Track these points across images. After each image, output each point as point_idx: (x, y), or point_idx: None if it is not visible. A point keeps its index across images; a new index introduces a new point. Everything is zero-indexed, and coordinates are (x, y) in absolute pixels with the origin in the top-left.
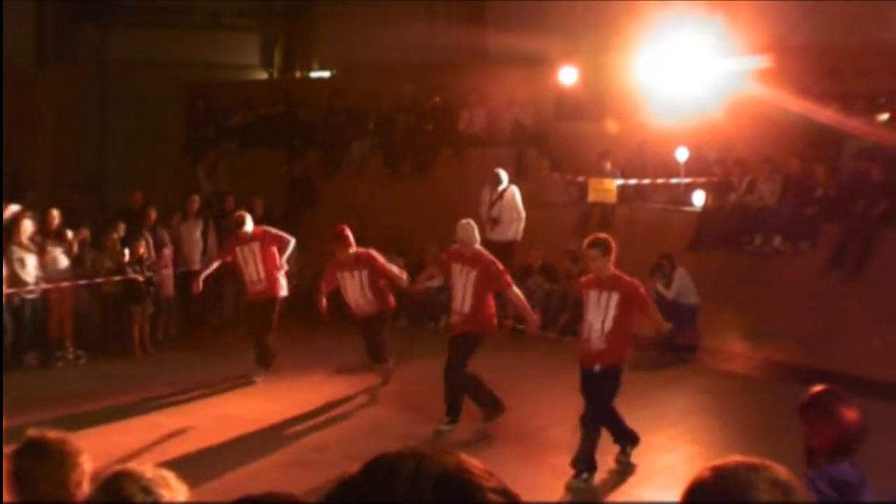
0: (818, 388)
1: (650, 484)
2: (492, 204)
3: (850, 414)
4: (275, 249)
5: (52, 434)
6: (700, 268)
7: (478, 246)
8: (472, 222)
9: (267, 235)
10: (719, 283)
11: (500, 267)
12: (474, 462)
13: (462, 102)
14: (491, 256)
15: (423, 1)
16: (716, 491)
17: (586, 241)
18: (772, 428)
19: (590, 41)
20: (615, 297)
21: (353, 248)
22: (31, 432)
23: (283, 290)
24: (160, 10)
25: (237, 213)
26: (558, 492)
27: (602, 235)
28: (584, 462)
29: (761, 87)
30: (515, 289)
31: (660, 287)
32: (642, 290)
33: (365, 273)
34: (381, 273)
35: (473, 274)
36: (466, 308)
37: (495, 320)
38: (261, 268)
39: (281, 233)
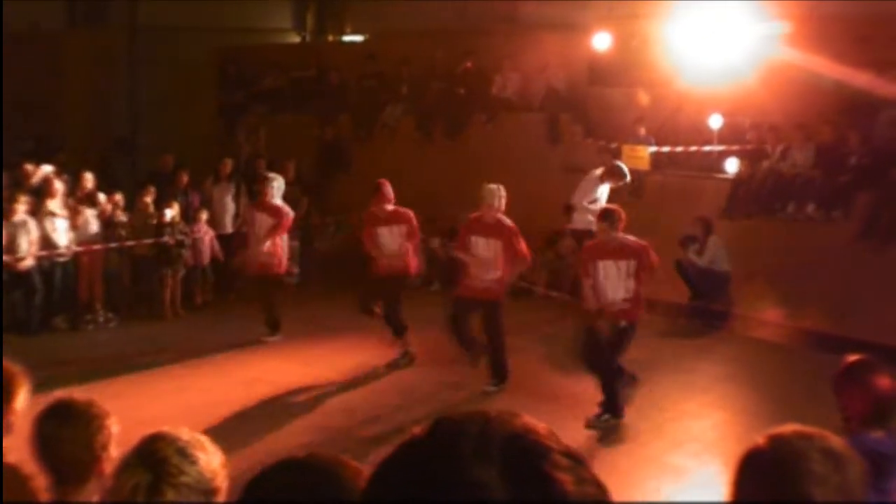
0: (852, 357)
1: (681, 451)
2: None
3: (885, 382)
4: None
5: (79, 396)
6: (732, 235)
7: (500, 214)
8: (498, 186)
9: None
10: (751, 250)
11: (520, 238)
12: (540, 424)
13: (495, 67)
14: (512, 226)
15: None
16: (770, 459)
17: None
18: (803, 396)
19: (623, 7)
20: (633, 264)
21: (392, 203)
22: (58, 394)
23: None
24: None
25: (265, 176)
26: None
27: (610, 207)
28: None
29: (795, 53)
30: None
31: (692, 254)
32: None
33: (403, 229)
34: (415, 233)
35: (499, 245)
36: (496, 274)
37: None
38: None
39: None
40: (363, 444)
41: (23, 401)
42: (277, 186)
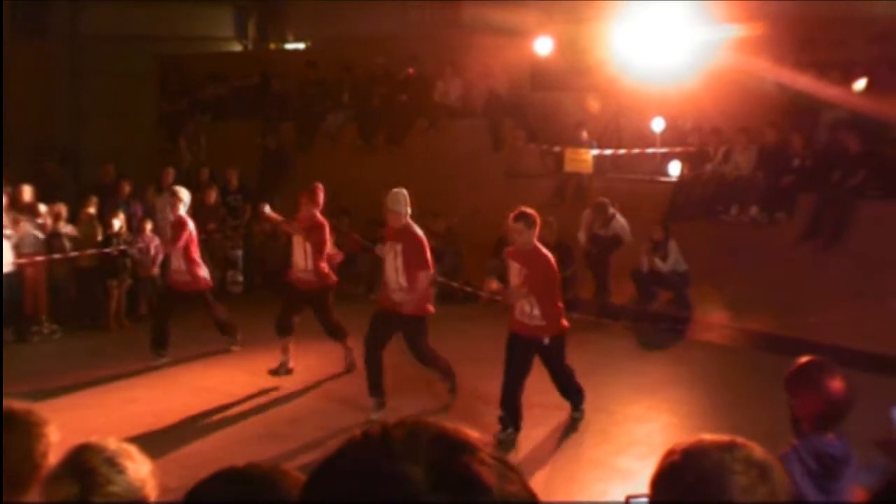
0: (805, 358)
1: (626, 454)
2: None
3: (836, 385)
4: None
5: (18, 405)
6: (676, 238)
7: (408, 219)
8: (402, 191)
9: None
10: (696, 253)
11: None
12: (472, 432)
13: (437, 73)
14: (418, 233)
15: None
16: (688, 473)
17: (511, 214)
18: (749, 397)
19: (565, 11)
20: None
21: (317, 211)
22: None
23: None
24: None
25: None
26: None
27: (527, 210)
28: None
29: (737, 56)
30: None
31: (657, 260)
32: (551, 268)
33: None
34: (322, 245)
35: (399, 248)
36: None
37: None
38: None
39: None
40: (309, 451)
41: None
42: (183, 200)
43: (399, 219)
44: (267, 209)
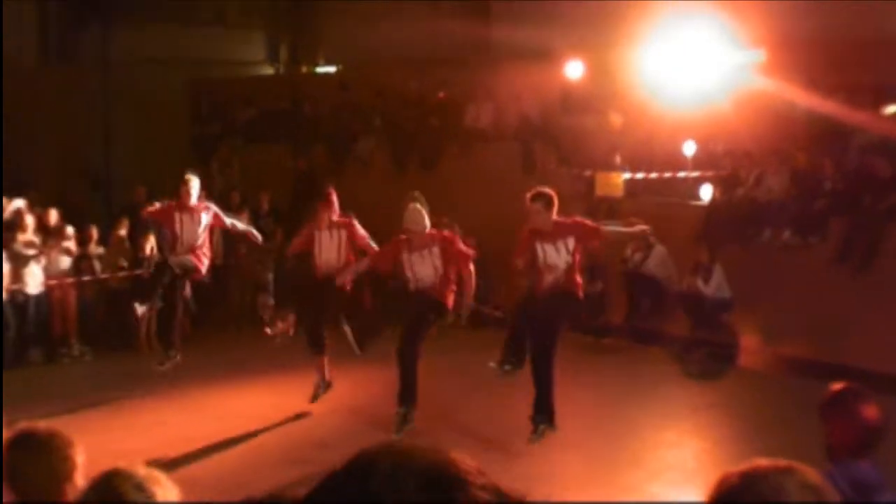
0: (838, 385)
1: (660, 480)
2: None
3: (871, 411)
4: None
5: (43, 426)
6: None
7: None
8: (418, 207)
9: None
10: (728, 277)
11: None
12: (464, 459)
13: (468, 97)
14: (445, 232)
15: None
16: (746, 496)
17: (528, 195)
18: (782, 423)
19: (596, 35)
20: (570, 242)
21: (336, 213)
22: (22, 425)
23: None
24: (164, 9)
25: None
26: None
27: (543, 188)
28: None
29: (768, 80)
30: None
31: (699, 282)
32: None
33: (343, 234)
34: (357, 240)
35: (436, 250)
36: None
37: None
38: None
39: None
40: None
41: None
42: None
43: (423, 233)
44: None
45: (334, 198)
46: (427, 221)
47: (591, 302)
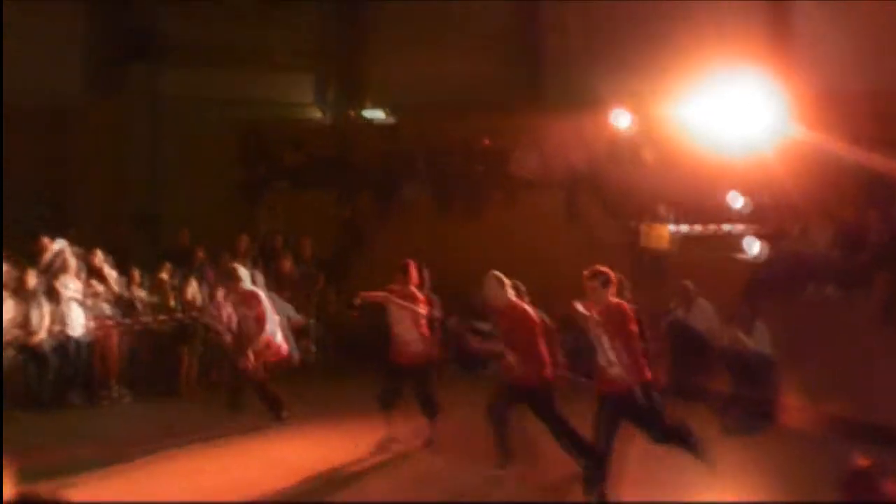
0: (860, 462)
1: None
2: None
3: (893, 489)
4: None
5: (45, 490)
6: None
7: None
8: (496, 274)
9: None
10: (770, 333)
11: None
12: None
13: (514, 144)
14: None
15: (478, 40)
16: None
17: (586, 272)
18: (818, 485)
19: (644, 84)
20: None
21: (413, 285)
22: (22, 489)
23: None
24: (213, 49)
25: (230, 266)
26: None
27: (601, 267)
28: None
29: (814, 133)
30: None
31: (740, 334)
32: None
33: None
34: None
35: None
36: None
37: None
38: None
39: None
40: None
41: (7, 492)
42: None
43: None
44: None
45: (413, 269)
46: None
47: None
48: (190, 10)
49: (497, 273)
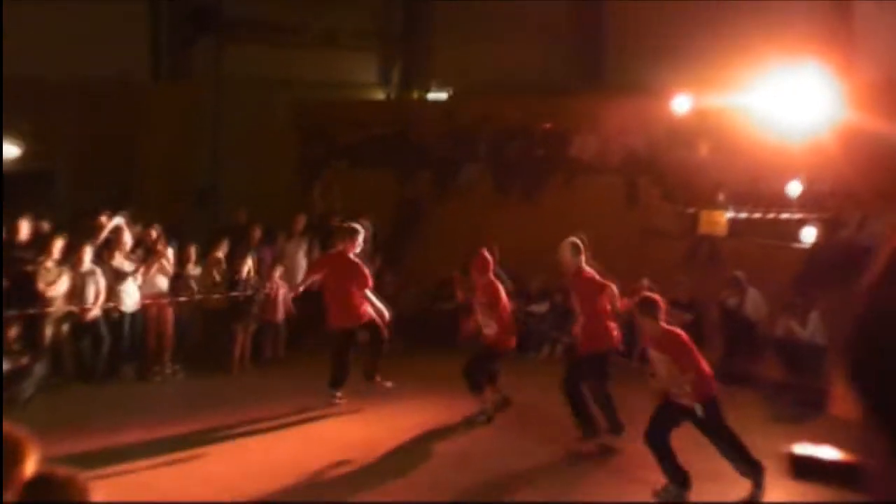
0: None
1: None
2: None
3: None
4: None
5: (62, 471)
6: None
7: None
8: (571, 240)
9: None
10: (824, 322)
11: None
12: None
13: (574, 128)
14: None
15: (539, 25)
16: None
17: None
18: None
19: (703, 73)
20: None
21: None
22: (42, 468)
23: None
24: (276, 28)
25: (348, 226)
26: None
27: (648, 295)
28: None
29: (876, 119)
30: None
31: (793, 325)
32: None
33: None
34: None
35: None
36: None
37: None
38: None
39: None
40: None
41: (31, 467)
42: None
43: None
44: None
45: (487, 258)
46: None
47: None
48: None
49: (574, 239)
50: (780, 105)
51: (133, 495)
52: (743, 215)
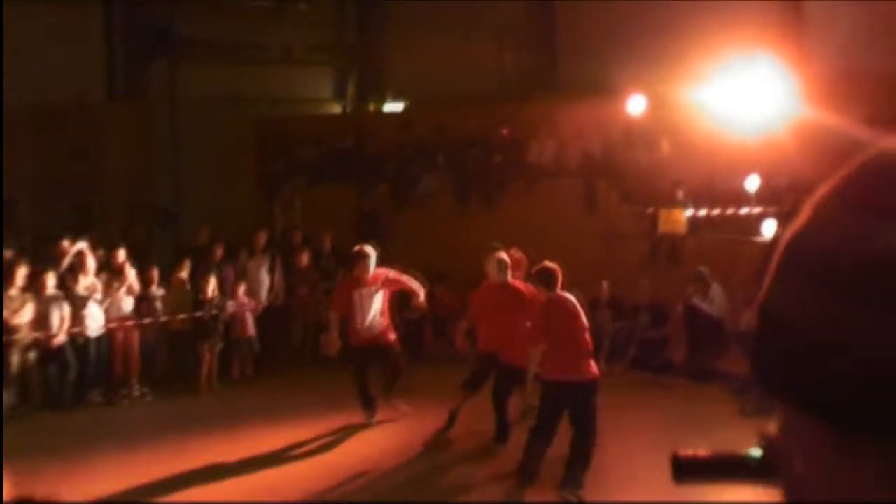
0: None
1: None
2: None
3: None
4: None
5: (40, 493)
6: None
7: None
8: (498, 257)
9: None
10: None
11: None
12: None
13: (531, 133)
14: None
15: (493, 31)
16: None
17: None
18: None
19: (658, 71)
20: None
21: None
22: (20, 491)
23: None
24: (232, 46)
25: (359, 249)
26: None
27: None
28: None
29: (830, 113)
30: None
31: (755, 318)
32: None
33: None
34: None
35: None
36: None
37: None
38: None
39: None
40: None
41: (5, 493)
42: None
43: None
44: None
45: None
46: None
47: (655, 345)
48: (208, 7)
49: (501, 255)
50: (735, 100)
51: None
52: (702, 212)
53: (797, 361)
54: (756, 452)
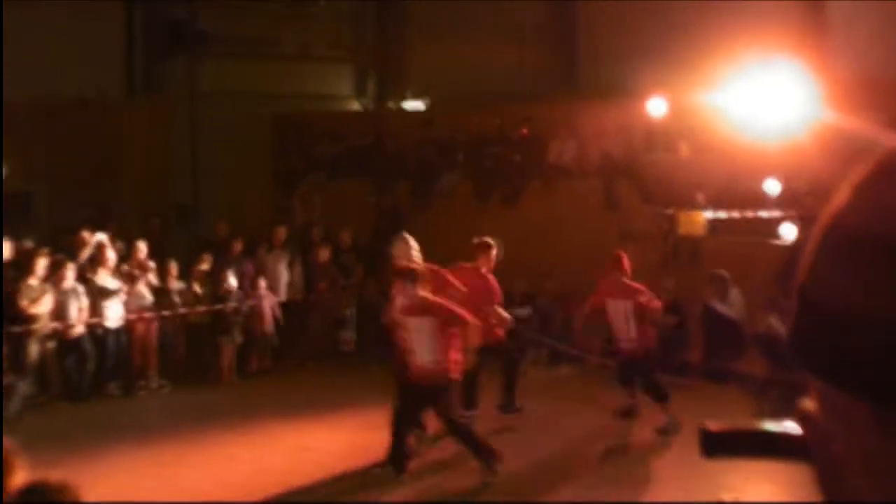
0: None
1: None
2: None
3: None
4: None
5: (54, 478)
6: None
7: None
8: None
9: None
10: None
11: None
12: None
13: (551, 133)
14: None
15: (515, 30)
16: None
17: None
18: None
19: (678, 74)
20: None
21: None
22: (33, 477)
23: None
24: (251, 42)
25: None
26: None
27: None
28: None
29: (850, 118)
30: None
31: (775, 323)
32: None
33: (630, 304)
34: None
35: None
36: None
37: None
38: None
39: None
40: None
41: (21, 476)
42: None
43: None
44: None
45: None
46: None
47: (669, 337)
48: (227, 3)
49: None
50: (756, 104)
51: None
52: (722, 215)
53: (839, 340)
54: (789, 428)
